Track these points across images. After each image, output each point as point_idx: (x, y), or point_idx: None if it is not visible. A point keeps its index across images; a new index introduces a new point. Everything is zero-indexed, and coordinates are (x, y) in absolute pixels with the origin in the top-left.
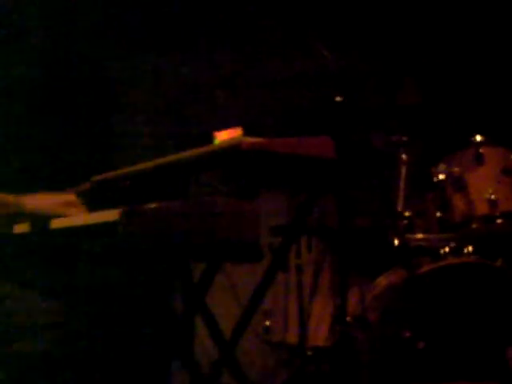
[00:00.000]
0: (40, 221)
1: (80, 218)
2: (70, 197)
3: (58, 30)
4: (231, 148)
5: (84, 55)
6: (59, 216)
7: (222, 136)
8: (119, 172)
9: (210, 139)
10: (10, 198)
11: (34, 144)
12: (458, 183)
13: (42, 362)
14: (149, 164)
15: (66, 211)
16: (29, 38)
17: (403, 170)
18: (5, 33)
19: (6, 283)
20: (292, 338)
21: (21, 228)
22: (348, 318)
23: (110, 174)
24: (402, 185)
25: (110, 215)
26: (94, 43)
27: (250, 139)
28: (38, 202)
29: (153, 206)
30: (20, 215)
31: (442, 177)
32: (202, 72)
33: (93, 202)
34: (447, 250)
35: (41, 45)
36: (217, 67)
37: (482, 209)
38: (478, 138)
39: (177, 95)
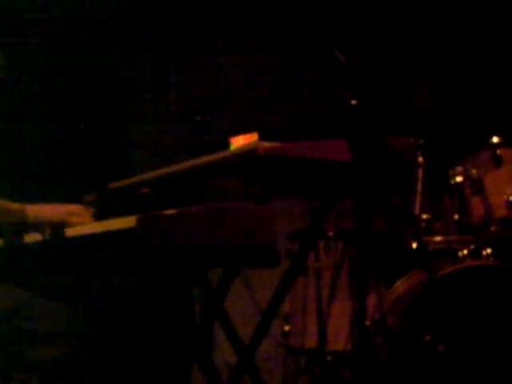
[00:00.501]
0: (55, 229)
1: (96, 225)
2: (75, 207)
3: (69, 35)
4: (247, 153)
5: (97, 62)
6: (62, 224)
7: (238, 141)
8: (136, 179)
9: (226, 145)
10: (15, 206)
11: (49, 151)
12: (475, 185)
13: (61, 370)
14: (165, 170)
15: (70, 220)
16: (41, 42)
17: (420, 173)
18: (15, 36)
19: (24, 292)
20: (311, 342)
21: (34, 237)
22: (367, 322)
23: (127, 181)
24: (419, 187)
25: (127, 222)
26: (107, 50)
27: (265, 144)
28: (41, 210)
29: (169, 212)
30: (23, 224)
31: (459, 179)
32: (217, 77)
33: (109, 210)
34: (466, 252)
35: (55, 48)
36: (231, 72)
37: (500, 211)
38: (496, 139)
39: (192, 101)
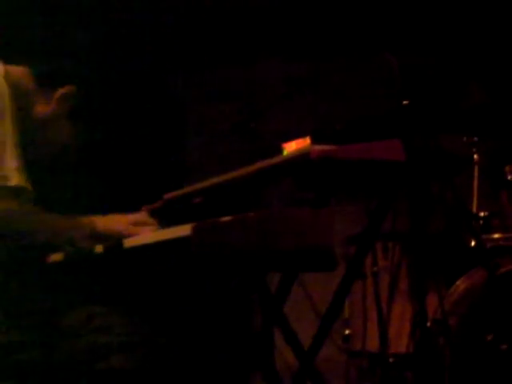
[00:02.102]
0: (113, 241)
1: (153, 235)
2: (141, 216)
3: (132, 55)
4: (300, 157)
5: (151, 72)
6: (131, 235)
7: (291, 146)
8: (191, 188)
9: (279, 151)
10: (84, 220)
11: (105, 164)
12: None
13: (129, 379)
14: (220, 178)
15: (138, 230)
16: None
17: (476, 170)
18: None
19: (92, 304)
20: (372, 345)
21: (96, 249)
22: (428, 323)
23: (183, 191)
24: (475, 185)
25: (183, 231)
26: (160, 60)
27: (318, 147)
28: (109, 222)
29: (225, 219)
30: (93, 236)
31: None
32: (269, 83)
33: (166, 220)
34: None
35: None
36: (283, 77)
37: None
38: None
39: (244, 108)
